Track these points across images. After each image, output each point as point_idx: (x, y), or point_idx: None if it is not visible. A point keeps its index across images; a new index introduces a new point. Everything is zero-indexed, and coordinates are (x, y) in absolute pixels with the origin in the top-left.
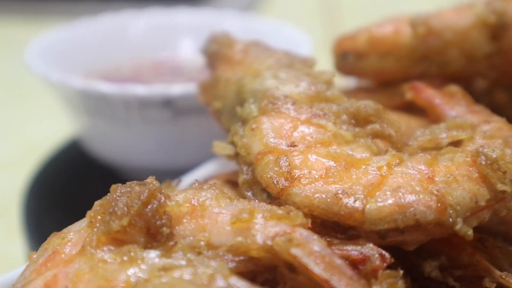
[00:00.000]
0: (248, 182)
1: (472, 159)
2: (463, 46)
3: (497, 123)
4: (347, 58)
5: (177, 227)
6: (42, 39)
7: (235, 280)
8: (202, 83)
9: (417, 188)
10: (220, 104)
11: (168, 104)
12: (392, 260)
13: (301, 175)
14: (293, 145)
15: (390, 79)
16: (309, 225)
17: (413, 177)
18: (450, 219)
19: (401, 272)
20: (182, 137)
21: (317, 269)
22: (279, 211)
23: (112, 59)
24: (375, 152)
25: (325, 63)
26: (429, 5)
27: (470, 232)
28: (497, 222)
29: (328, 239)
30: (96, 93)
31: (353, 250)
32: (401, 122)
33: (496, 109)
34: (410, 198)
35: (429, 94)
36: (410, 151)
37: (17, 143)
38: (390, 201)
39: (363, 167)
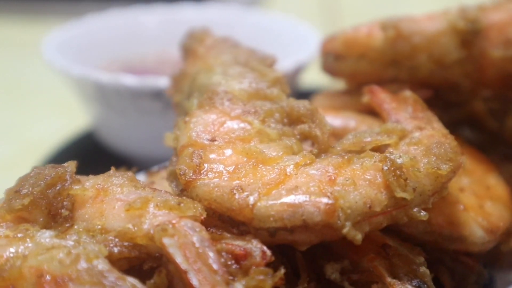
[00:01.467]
0: (173, 173)
1: (380, 164)
2: (431, 51)
3: (430, 130)
4: (328, 59)
5: (79, 211)
6: (57, 35)
7: (99, 263)
8: (173, 76)
9: (312, 189)
10: (179, 97)
11: (158, 96)
12: (273, 258)
13: (209, 169)
14: (213, 139)
15: (365, 81)
16: (202, 217)
17: (315, 178)
18: (339, 222)
19: (283, 271)
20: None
21: (179, 259)
22: (172, 201)
23: (126, 52)
24: (295, 152)
25: None
26: (430, 5)
27: (359, 236)
28: (423, 231)
29: (220, 233)
30: (93, 83)
31: (237, 245)
32: (366, 125)
33: (476, 120)
34: (301, 198)
35: (381, 98)
36: (335, 153)
37: (17, 143)
38: (281, 200)
39: (274, 165)
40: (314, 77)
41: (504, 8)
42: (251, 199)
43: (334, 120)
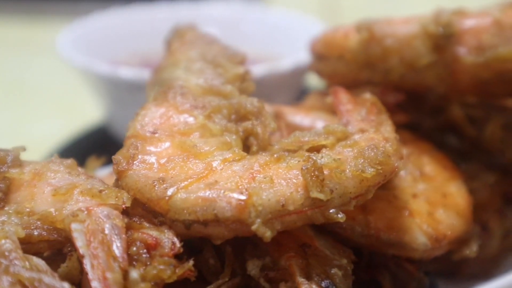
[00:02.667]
0: None
1: (303, 163)
2: (403, 54)
3: (372, 133)
4: (313, 59)
5: (14, 193)
6: (72, 30)
7: (7, 243)
8: (154, 69)
9: (229, 185)
10: (150, 90)
11: None
12: (181, 250)
13: (142, 160)
14: (154, 132)
15: (343, 82)
16: (124, 206)
17: (236, 174)
18: (250, 219)
19: (191, 263)
20: None
21: (80, 243)
22: (95, 189)
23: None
24: (233, 148)
25: None
26: (429, 5)
27: (268, 234)
28: (360, 234)
29: (140, 223)
30: (95, 75)
31: (150, 235)
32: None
33: (454, 127)
34: (215, 193)
35: (339, 99)
36: (273, 151)
37: (17, 143)
38: (197, 194)
39: (203, 160)
40: None
41: (481, 13)
42: (169, 191)
43: (304, 119)
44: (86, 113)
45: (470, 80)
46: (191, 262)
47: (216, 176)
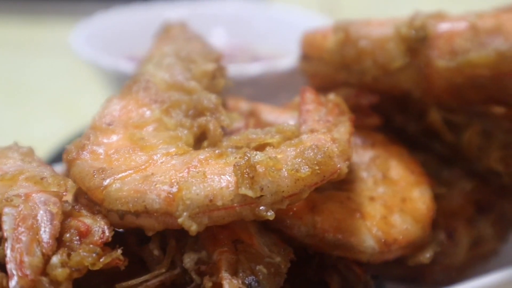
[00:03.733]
0: None
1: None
2: (376, 56)
3: (320, 134)
4: (300, 59)
5: None
6: (85, 27)
7: None
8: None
9: (162, 178)
10: None
11: None
12: (110, 239)
13: (91, 151)
14: (110, 124)
15: (322, 83)
16: (65, 193)
17: (174, 168)
18: (177, 212)
19: (119, 252)
20: None
21: (6, 227)
22: (39, 176)
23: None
24: (177, 142)
25: None
26: (429, 5)
27: (194, 227)
28: (306, 234)
29: (78, 211)
30: (99, 69)
31: (84, 222)
32: None
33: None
34: (148, 185)
35: (304, 99)
36: (222, 147)
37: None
38: (131, 185)
39: (149, 152)
40: None
41: (458, 18)
42: (106, 182)
43: (278, 118)
44: (86, 113)
45: (444, 84)
46: (119, 251)
47: (154, 169)
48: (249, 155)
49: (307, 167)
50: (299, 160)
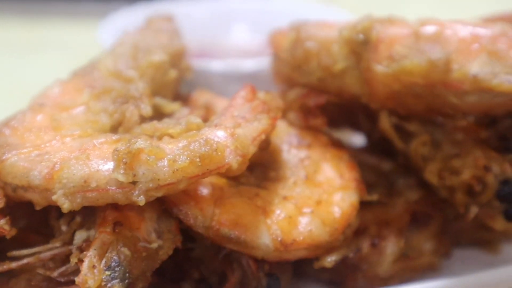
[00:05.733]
0: None
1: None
2: (320, 58)
3: (221, 128)
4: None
5: None
6: (111, 23)
7: None
8: None
9: (51, 157)
10: None
11: None
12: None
13: (12, 127)
14: (43, 104)
15: (285, 82)
16: None
17: (70, 149)
18: (54, 189)
19: (3, 221)
20: None
21: None
22: None
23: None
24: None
25: None
26: (428, 5)
27: (66, 205)
28: (201, 226)
29: None
30: None
31: None
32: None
33: (386, 139)
34: (36, 163)
35: (237, 95)
36: (134, 134)
37: None
38: (24, 161)
39: (57, 133)
40: None
41: (405, 23)
42: (5, 156)
43: None
44: None
45: (384, 90)
46: (3, 221)
47: (50, 148)
48: (132, 141)
49: (187, 158)
50: (182, 151)
